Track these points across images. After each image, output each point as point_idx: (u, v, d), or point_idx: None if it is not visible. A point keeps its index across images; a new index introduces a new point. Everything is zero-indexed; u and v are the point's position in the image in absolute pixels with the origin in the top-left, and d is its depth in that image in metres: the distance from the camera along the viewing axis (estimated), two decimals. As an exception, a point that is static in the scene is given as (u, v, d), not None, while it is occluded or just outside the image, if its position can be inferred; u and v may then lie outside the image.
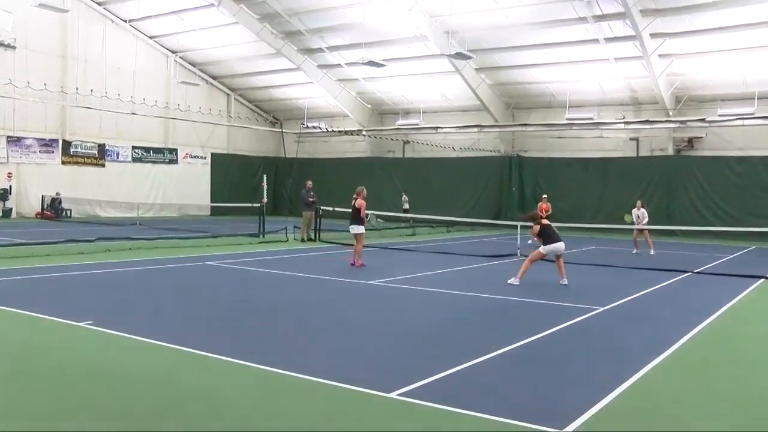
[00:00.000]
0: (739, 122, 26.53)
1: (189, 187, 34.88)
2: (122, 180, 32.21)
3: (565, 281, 12.53)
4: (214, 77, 36.56)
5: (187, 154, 35.41)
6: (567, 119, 29.63)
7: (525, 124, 31.60)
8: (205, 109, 35.12)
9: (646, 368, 6.65)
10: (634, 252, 19.84)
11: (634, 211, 20.08)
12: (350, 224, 15.40)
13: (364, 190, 15.72)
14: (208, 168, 36.38)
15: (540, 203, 23.36)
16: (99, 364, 6.50)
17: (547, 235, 12.66)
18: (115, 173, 32.05)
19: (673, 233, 27.04)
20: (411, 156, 35.78)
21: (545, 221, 13.03)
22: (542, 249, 12.64)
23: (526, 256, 17.28)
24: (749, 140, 27.38)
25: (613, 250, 21.00)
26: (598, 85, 29.01)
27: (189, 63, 35.15)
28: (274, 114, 39.90)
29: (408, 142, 35.44)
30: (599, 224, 25.32)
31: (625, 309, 10.28)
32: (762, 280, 14.11)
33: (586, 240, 24.22)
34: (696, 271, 15.36)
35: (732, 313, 10.19)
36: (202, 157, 36.19)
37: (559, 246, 12.63)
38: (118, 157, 32.44)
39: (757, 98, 25.98)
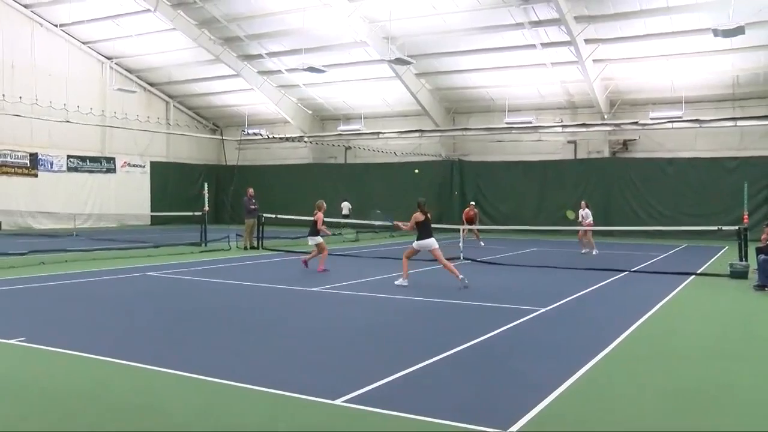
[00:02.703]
0: (669, 125, 27.50)
1: (128, 196, 34.01)
2: (57, 190, 31.13)
3: (465, 282, 12.37)
4: (152, 84, 35.80)
5: (125, 162, 34.54)
6: (506, 123, 30.14)
7: (465, 129, 32.03)
8: (144, 116, 34.34)
9: (586, 367, 6.79)
10: (582, 252, 20.35)
11: (579, 211, 20.78)
12: (308, 235, 15.88)
13: (324, 203, 15.96)
14: (148, 177, 35.57)
15: (466, 209, 23.85)
16: (32, 379, 6.24)
17: (422, 230, 12.93)
18: (49, 183, 30.95)
19: (610, 233, 27.78)
20: (353, 162, 35.78)
21: (421, 217, 13.07)
22: (414, 244, 13.00)
23: (469, 259, 17.60)
24: (678, 142, 28.42)
25: (554, 251, 21.43)
26: (536, 90, 29.61)
27: (125, 69, 34.31)
28: (214, 121, 39.33)
29: (350, 147, 35.45)
30: (539, 226, 25.83)
31: (565, 309, 10.49)
32: (693, 276, 14.65)
33: (526, 242, 24.67)
34: (633, 269, 15.82)
35: (667, 310, 10.52)
36: (141, 166, 35.36)
37: (430, 242, 12.81)
38: (52, 167, 31.36)
39: (684, 102, 26.99)
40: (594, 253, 19.99)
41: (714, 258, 19.09)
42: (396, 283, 12.76)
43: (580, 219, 20.81)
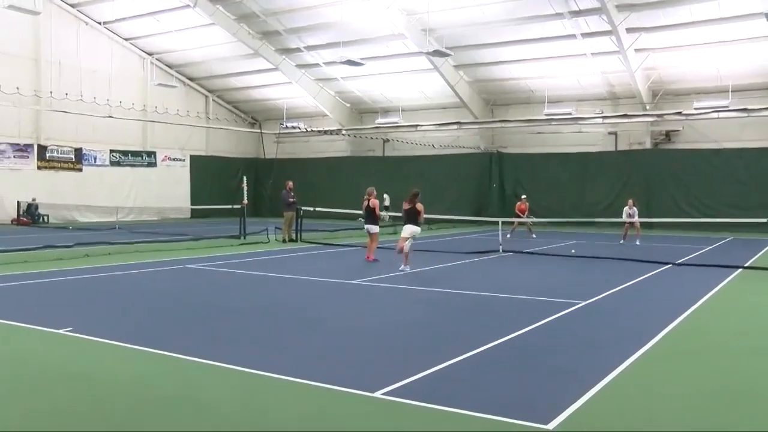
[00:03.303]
0: (715, 115, 26.86)
1: (168, 189, 34.59)
2: (100, 184, 31.86)
3: (406, 268, 13.44)
4: (191, 79, 36.30)
5: (165, 156, 35.14)
6: (546, 115, 29.81)
7: (504, 121, 31.76)
8: (183, 111, 34.85)
9: (627, 362, 6.69)
10: (621, 242, 20.68)
11: (626, 210, 21.06)
12: (366, 224, 16.03)
13: (375, 190, 15.98)
14: (187, 170, 36.11)
15: (519, 203, 23.66)
16: (79, 369, 6.41)
17: (407, 218, 13.92)
18: (92, 177, 31.70)
19: (652, 226, 27.29)
20: (391, 154, 35.78)
21: (408, 206, 14.11)
22: (403, 233, 13.86)
23: (510, 251, 17.50)
24: (724, 133, 27.73)
25: (594, 244, 21.14)
26: (576, 81, 29.19)
27: (165, 65, 34.86)
28: (252, 115, 39.70)
29: (388, 140, 35.45)
30: (579, 218, 25.51)
31: (606, 303, 10.34)
32: (739, 270, 14.31)
33: (566, 235, 24.37)
34: (676, 262, 15.51)
35: (712, 304, 10.30)
36: (181, 160, 35.92)
37: (409, 228, 13.84)
38: (95, 161, 32.10)
39: (731, 91, 26.29)
40: (637, 243, 20.37)
41: (763, 251, 18.61)
42: (399, 269, 13.52)
43: (626, 218, 20.90)
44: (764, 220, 17.75)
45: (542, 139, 31.61)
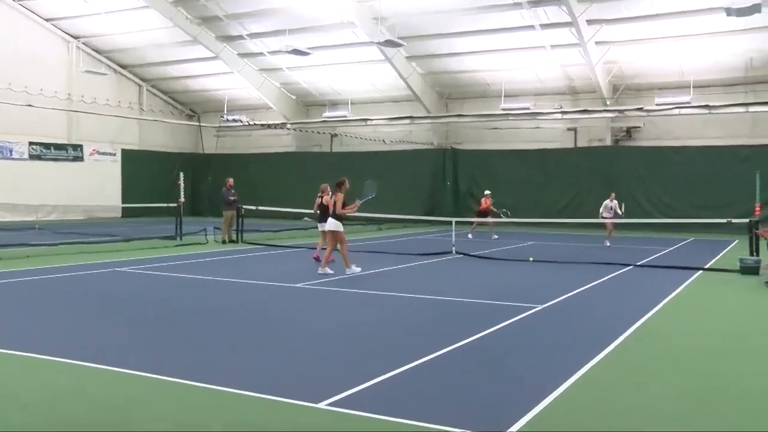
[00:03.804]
0: (676, 111, 27.58)
1: (97, 186, 33.68)
2: (18, 180, 30.69)
3: (326, 270, 13.49)
4: (123, 66, 35.48)
5: (94, 150, 34.25)
6: (503, 109, 30.12)
7: (459, 115, 32.00)
8: (114, 101, 34.06)
9: (586, 367, 6.80)
10: (607, 244, 20.80)
11: (607, 203, 21.24)
12: (319, 221, 15.73)
13: (329, 187, 15.77)
14: (119, 165, 35.28)
15: (484, 199, 23.76)
16: (-9, 384, 6.18)
17: (322, 214, 13.90)
18: (8, 172, 30.57)
19: (614, 227, 27.85)
20: (339, 150, 35.68)
21: (328, 200, 13.99)
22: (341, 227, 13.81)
23: (462, 253, 17.62)
24: (686, 130, 28.51)
25: (553, 245, 21.49)
26: (535, 74, 29.61)
27: (94, 50, 33.93)
28: (191, 106, 39.08)
29: (336, 135, 35.35)
30: (537, 218, 25.86)
31: (564, 306, 10.50)
32: (700, 271, 14.72)
33: (524, 235, 24.68)
34: (637, 264, 15.87)
35: (672, 307, 10.56)
36: (111, 154, 35.08)
37: (320, 226, 14.01)
38: (11, 154, 31.00)
39: (693, 87, 27.04)
40: (608, 244, 20.82)
41: (723, 252, 19.17)
42: (349, 275, 13.37)
43: (609, 212, 21.10)
44: (724, 221, 18.28)
45: (499, 134, 31.98)
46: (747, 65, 26.54)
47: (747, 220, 16.21)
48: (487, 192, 24.47)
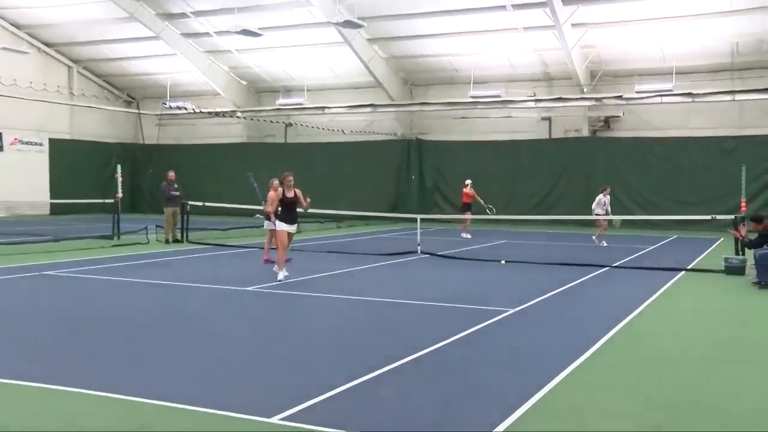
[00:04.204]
0: (658, 100, 28.01)
1: (20, 180, 32.89)
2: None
3: (282, 275, 13.10)
4: (49, 44, 34.71)
5: (15, 139, 33.49)
6: (471, 97, 30.32)
7: (424, 103, 32.10)
8: (39, 83, 33.33)
9: (560, 376, 6.89)
10: (603, 244, 20.78)
11: (600, 198, 21.14)
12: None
13: (275, 181, 15.56)
14: (46, 156, 34.58)
15: (465, 190, 23.60)
16: None
17: (285, 212, 13.35)
18: None
19: (590, 223, 28.19)
20: (294, 141, 35.55)
21: (291, 196, 13.37)
22: (277, 226, 13.41)
23: (428, 253, 17.71)
24: (667, 119, 28.99)
25: (525, 244, 21.70)
26: (506, 59, 29.84)
27: (12, 24, 33.02)
28: (129, 92, 38.54)
29: (290, 124, 35.20)
30: (509, 215, 26.07)
31: (537, 310, 10.64)
32: (683, 272, 15.02)
33: (494, 233, 24.87)
34: (615, 265, 16.11)
35: (653, 310, 10.75)
36: (37, 144, 34.38)
37: (289, 227, 13.37)
38: None
39: (675, 73, 27.51)
40: (604, 244, 20.80)
41: (707, 251, 19.57)
42: (279, 278, 13.04)
43: (600, 210, 21.05)
44: (709, 217, 18.65)
45: (467, 124, 32.17)
46: (733, 50, 27.06)
47: (732, 217, 16.53)
48: (468, 182, 24.05)
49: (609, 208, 21.31)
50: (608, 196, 21.28)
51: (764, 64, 27.34)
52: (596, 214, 21.18)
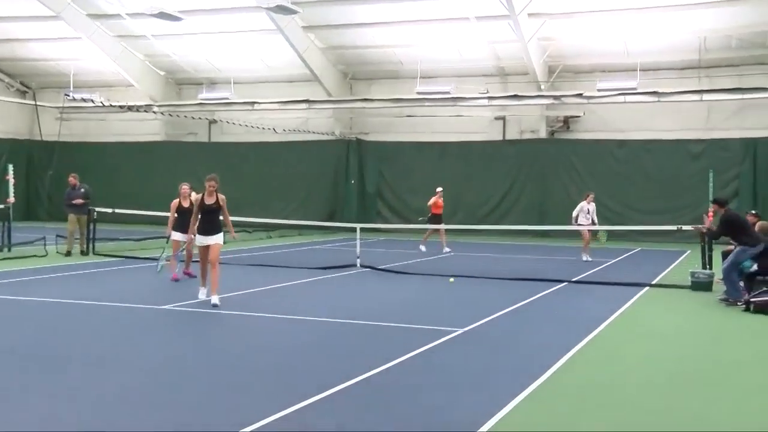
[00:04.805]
0: (621, 98, 28.52)
1: None
2: None
3: (215, 300, 12.14)
4: None
5: None
6: (418, 93, 30.41)
7: (366, 99, 32.16)
8: None
9: (514, 401, 6.98)
10: (586, 259, 20.58)
11: (584, 205, 20.70)
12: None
13: (184, 186, 15.48)
14: None
15: (435, 198, 23.23)
16: None
17: (203, 221, 12.65)
18: None
19: (546, 234, 28.65)
20: (219, 140, 35.25)
21: (211, 203, 12.65)
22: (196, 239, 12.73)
23: (368, 266, 17.74)
24: (631, 120, 29.56)
25: (476, 256, 21.89)
26: (457, 52, 30.11)
27: None
28: (22, 80, 37.60)
29: (215, 121, 34.89)
30: (458, 225, 26.28)
31: (489, 330, 10.77)
32: (646, 288, 15.38)
33: (439, 244, 24.98)
34: (573, 280, 16.43)
35: (614, 329, 10.98)
36: None
37: (205, 239, 12.56)
38: None
39: (640, 70, 28.08)
40: (586, 258, 20.61)
41: (673, 265, 20.07)
42: (209, 300, 12.23)
43: (584, 219, 20.60)
44: (674, 228, 19.09)
45: (413, 123, 32.32)
46: (700, 46, 27.78)
47: (700, 227, 16.90)
48: (439, 189, 23.77)
49: (595, 217, 20.85)
50: (593, 204, 20.88)
51: (733, 61, 28.16)
52: (579, 224, 20.75)
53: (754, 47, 27.37)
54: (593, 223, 20.78)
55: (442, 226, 23.27)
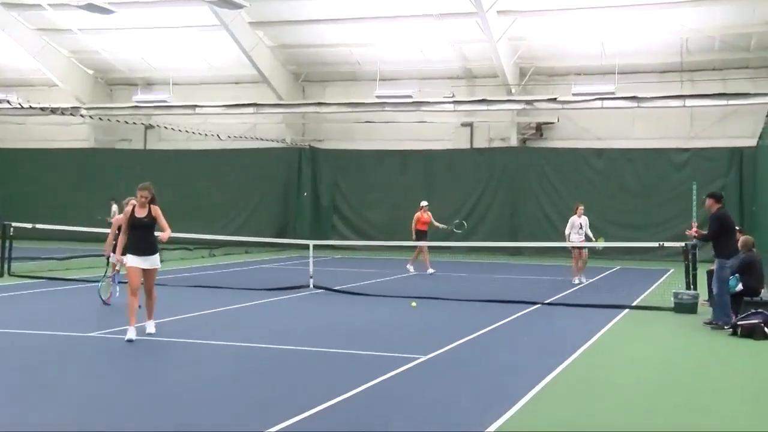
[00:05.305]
0: (598, 104, 28.81)
1: None
2: None
3: (150, 328, 11.81)
4: None
5: None
6: (377, 97, 30.46)
7: (320, 104, 32.12)
8: None
9: (481, 436, 6.99)
10: (575, 281, 20.24)
11: (574, 219, 20.16)
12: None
13: (133, 200, 14.74)
14: None
15: (419, 213, 22.82)
16: None
17: (135, 239, 11.78)
18: None
19: (518, 251, 28.78)
20: (156, 147, 35.04)
21: (142, 216, 11.70)
22: (125, 259, 11.80)
23: (323, 287, 17.68)
24: (610, 127, 29.94)
25: (441, 276, 21.90)
26: (420, 52, 30.22)
27: None
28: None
29: (152, 126, 34.60)
30: (420, 242, 26.25)
31: (454, 357, 10.77)
32: (626, 310, 15.51)
33: (403, 263, 24.99)
34: (546, 301, 16.51)
35: (590, 355, 11.04)
36: None
37: (139, 261, 11.72)
38: None
39: (618, 73, 28.42)
40: (580, 281, 20.20)
41: (655, 285, 20.26)
42: (127, 338, 11.30)
43: (576, 235, 20.06)
44: (655, 245, 19.26)
45: (372, 130, 32.35)
46: (682, 47, 28.22)
47: (682, 244, 17.04)
48: (423, 203, 23.42)
49: (589, 232, 20.25)
50: (584, 217, 20.25)
51: (716, 64, 28.66)
52: (571, 241, 20.20)
53: (738, 50, 27.90)
54: (588, 239, 20.13)
55: (426, 244, 22.73)
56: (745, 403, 8.81)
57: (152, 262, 11.85)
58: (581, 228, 20.10)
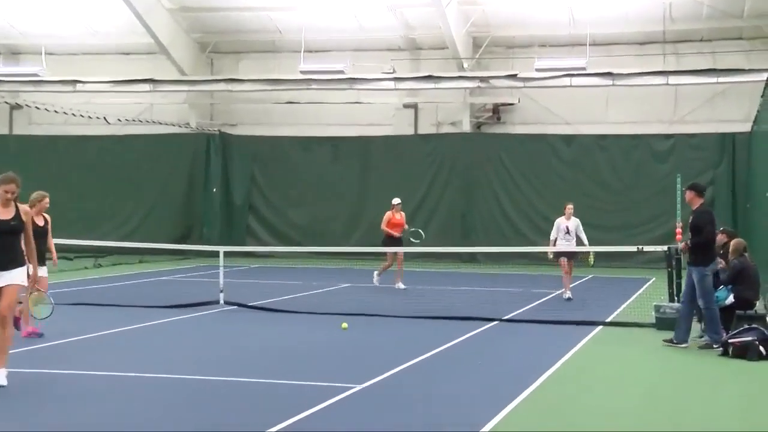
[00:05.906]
0: (566, 81, 28.92)
1: None
2: None
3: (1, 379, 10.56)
4: None
5: None
6: (302, 73, 30.34)
7: (232, 80, 31.92)
8: None
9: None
10: (566, 297, 20.02)
11: (561, 222, 19.84)
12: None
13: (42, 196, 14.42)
14: None
15: (391, 213, 22.22)
16: None
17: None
18: None
19: (472, 258, 28.87)
20: (26, 132, 34.57)
21: (7, 218, 10.89)
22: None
23: (235, 303, 17.63)
24: (580, 110, 30.18)
25: (380, 287, 21.88)
26: (354, 18, 30.15)
27: None
28: None
29: (19, 106, 34.06)
30: (356, 246, 26.30)
31: (395, 385, 10.84)
32: (599, 327, 15.70)
33: (334, 273, 25.04)
34: (506, 317, 16.63)
35: (557, 381, 11.16)
36: None
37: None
38: None
39: (590, 45, 28.65)
40: (568, 295, 19.94)
41: (633, 296, 20.54)
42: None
43: (563, 240, 19.76)
44: (633, 249, 19.47)
45: (296, 112, 32.27)
46: (665, 15, 28.46)
47: (665, 248, 17.23)
48: (396, 201, 22.60)
49: (583, 236, 19.95)
50: (574, 219, 19.96)
51: (704, 35, 28.97)
52: (559, 249, 19.90)
53: (729, 18, 28.18)
54: (580, 243, 19.84)
55: (400, 249, 22.15)
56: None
57: (12, 276, 10.68)
58: (568, 232, 19.66)
